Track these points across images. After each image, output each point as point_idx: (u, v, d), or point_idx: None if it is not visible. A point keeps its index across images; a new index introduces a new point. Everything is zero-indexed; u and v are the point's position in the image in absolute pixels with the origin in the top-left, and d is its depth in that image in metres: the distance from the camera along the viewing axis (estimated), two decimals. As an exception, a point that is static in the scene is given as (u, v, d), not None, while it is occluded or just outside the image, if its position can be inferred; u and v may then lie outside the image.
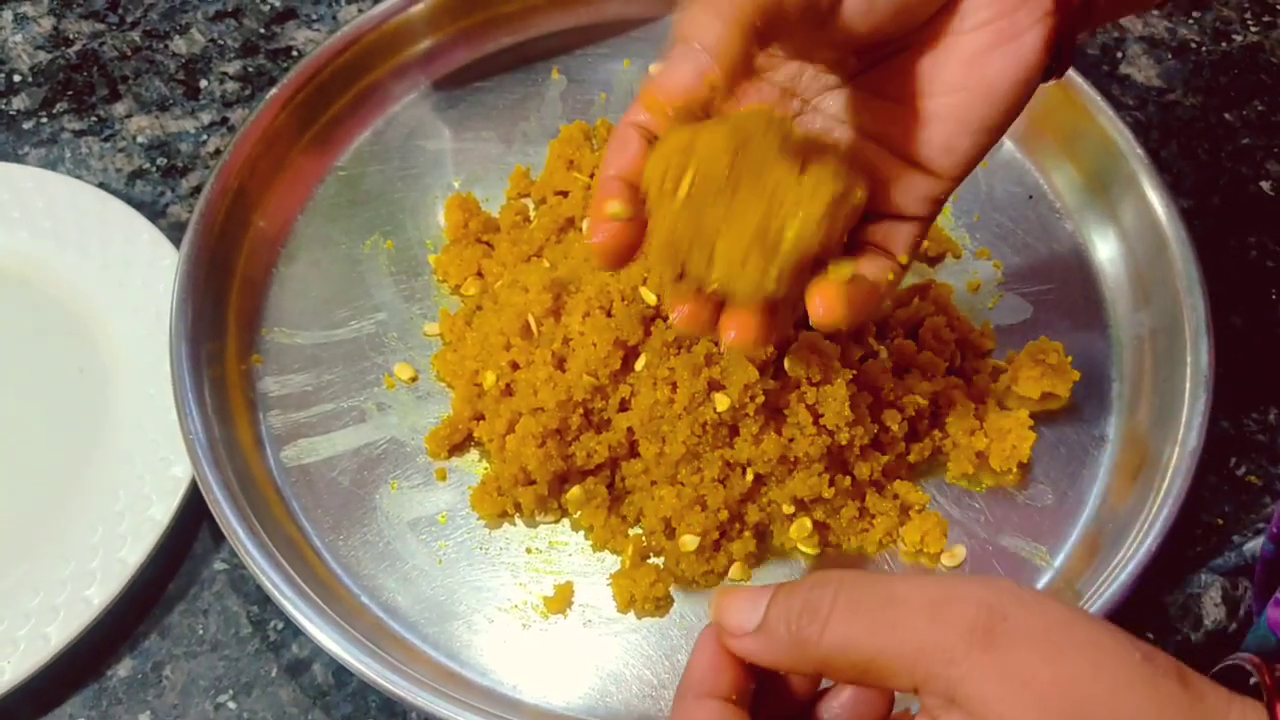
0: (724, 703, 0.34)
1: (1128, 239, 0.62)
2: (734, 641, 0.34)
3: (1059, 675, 0.29)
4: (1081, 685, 0.28)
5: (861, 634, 0.31)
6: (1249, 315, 0.64)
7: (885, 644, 0.30)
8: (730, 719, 0.33)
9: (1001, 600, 0.30)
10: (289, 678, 0.53)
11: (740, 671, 0.34)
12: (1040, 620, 0.29)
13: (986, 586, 0.30)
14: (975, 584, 0.31)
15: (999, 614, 0.29)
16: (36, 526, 0.55)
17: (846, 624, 0.31)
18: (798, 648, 0.32)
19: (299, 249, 0.63)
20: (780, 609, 0.33)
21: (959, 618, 0.29)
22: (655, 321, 0.53)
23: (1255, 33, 0.76)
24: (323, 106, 0.66)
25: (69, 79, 0.72)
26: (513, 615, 0.53)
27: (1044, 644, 0.29)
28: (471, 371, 0.56)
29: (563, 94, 0.69)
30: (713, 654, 0.34)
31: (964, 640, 0.29)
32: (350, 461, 0.57)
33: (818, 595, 0.32)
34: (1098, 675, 0.29)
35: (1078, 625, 0.30)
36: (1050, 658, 0.29)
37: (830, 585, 0.32)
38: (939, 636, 0.30)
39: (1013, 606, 0.30)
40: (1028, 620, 0.29)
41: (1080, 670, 0.29)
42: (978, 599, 0.30)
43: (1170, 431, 0.55)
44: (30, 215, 0.64)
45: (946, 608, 0.30)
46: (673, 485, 0.53)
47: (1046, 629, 0.29)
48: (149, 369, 0.58)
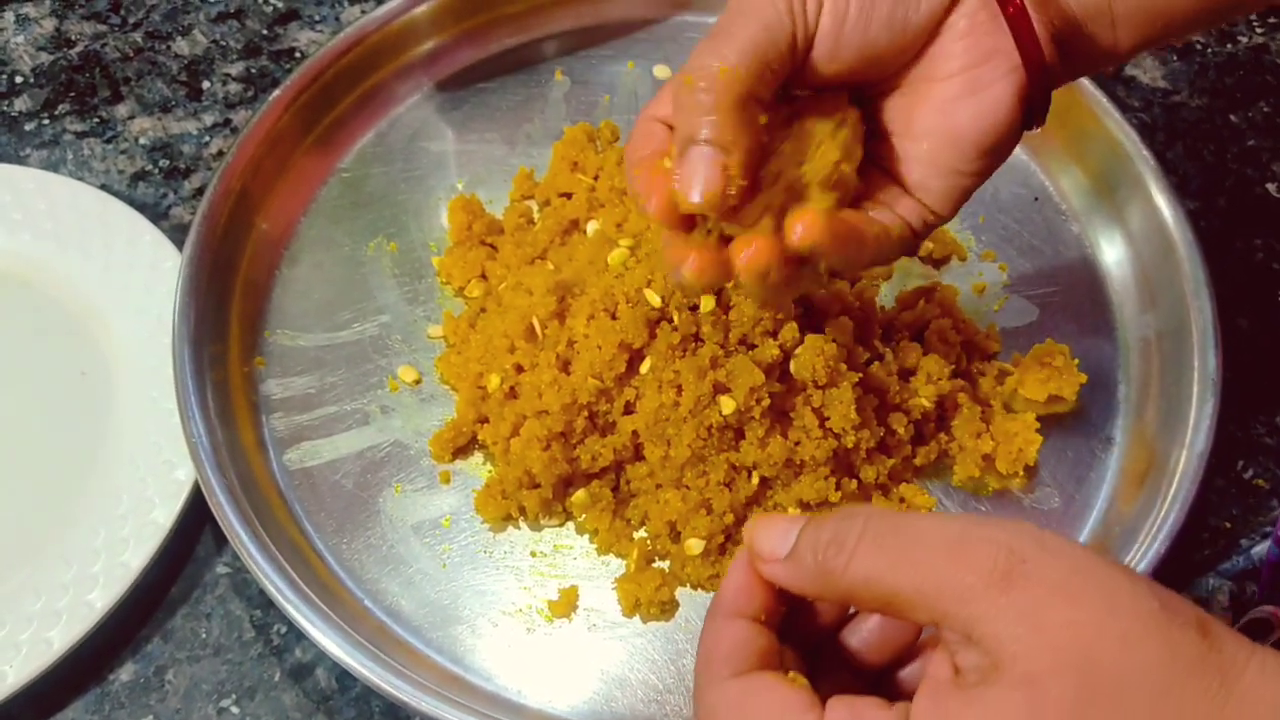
0: (753, 623, 0.35)
1: (1134, 241, 0.62)
2: (764, 567, 0.35)
3: (1073, 620, 0.29)
4: (1094, 630, 0.29)
5: (884, 570, 0.32)
6: (1255, 317, 0.64)
7: (906, 581, 0.31)
8: (759, 639, 0.35)
9: (1022, 543, 0.30)
10: (292, 682, 0.52)
11: (770, 595, 0.35)
12: (1059, 565, 0.30)
13: (1008, 529, 0.31)
14: (997, 526, 0.31)
15: (1018, 557, 0.30)
16: (38, 530, 0.55)
17: (870, 559, 0.32)
18: (824, 577, 0.33)
19: (302, 251, 0.63)
20: (809, 539, 0.34)
21: (979, 559, 0.30)
22: (660, 324, 0.53)
23: (1261, 34, 0.76)
24: (326, 108, 0.66)
25: (71, 80, 0.72)
26: (517, 619, 0.52)
27: (1060, 589, 0.30)
28: (475, 374, 0.56)
29: (566, 95, 0.69)
30: (745, 577, 0.36)
31: (982, 581, 0.30)
32: (353, 465, 0.56)
33: (845, 529, 0.33)
34: (1111, 622, 0.29)
35: (1097, 571, 0.30)
36: (1065, 602, 0.29)
37: (858, 519, 0.33)
38: (958, 576, 0.30)
39: (1033, 550, 0.30)
40: (1046, 564, 0.30)
41: (1094, 616, 0.29)
42: (998, 541, 0.30)
43: (1178, 435, 0.55)
44: (32, 217, 0.64)
45: (967, 548, 0.31)
46: (678, 488, 0.53)
47: (1065, 574, 0.30)
48: (151, 371, 0.58)
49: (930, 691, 0.31)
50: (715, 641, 0.35)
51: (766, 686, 0.34)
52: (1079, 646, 0.29)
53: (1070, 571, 0.30)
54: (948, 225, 0.64)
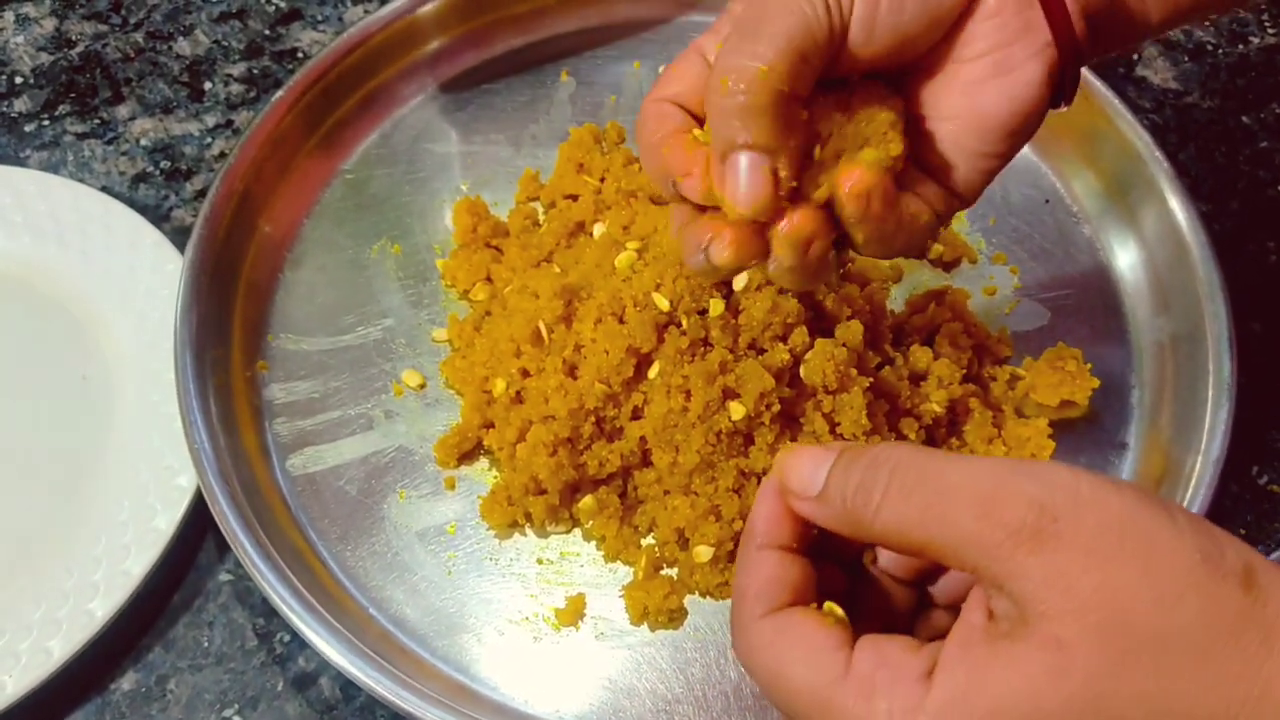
0: (785, 553, 0.35)
1: (1147, 244, 0.62)
2: (794, 502, 0.35)
3: (1104, 583, 0.28)
4: (1126, 594, 0.28)
5: (912, 522, 0.31)
6: (1269, 321, 0.63)
7: (935, 535, 0.31)
8: (791, 570, 0.35)
9: (1054, 499, 0.29)
10: (295, 691, 0.52)
11: (801, 523, 0.35)
12: (1092, 522, 0.29)
13: (1042, 480, 0.30)
14: (1030, 477, 0.30)
15: (1049, 515, 0.29)
16: (39, 537, 0.54)
17: (899, 510, 0.32)
18: (853, 522, 0.33)
19: (305, 254, 0.62)
20: (838, 482, 0.33)
21: (1008, 516, 0.29)
22: (669, 328, 0.52)
23: (1272, 34, 0.75)
24: (329, 109, 0.65)
25: (71, 81, 0.71)
26: (523, 628, 0.52)
27: (1091, 549, 0.29)
28: (481, 378, 0.56)
29: (572, 96, 0.69)
30: (774, 506, 0.35)
31: (1011, 540, 0.29)
32: (357, 470, 0.56)
33: (871, 477, 0.32)
34: (1145, 583, 0.28)
35: (1136, 525, 0.29)
36: (1096, 564, 0.29)
37: (884, 467, 0.32)
38: (987, 534, 0.30)
39: (1066, 506, 0.29)
40: (1079, 522, 0.29)
41: (1126, 578, 0.28)
42: (1029, 497, 0.30)
43: (1193, 440, 0.54)
44: (32, 219, 0.63)
45: (997, 503, 0.30)
46: (686, 495, 0.52)
47: (1097, 532, 0.29)
48: (153, 376, 0.58)
49: (961, 639, 0.31)
50: (748, 578, 0.35)
51: (797, 625, 0.33)
52: (1109, 611, 0.28)
53: (1104, 528, 0.29)
54: (958, 228, 0.63)
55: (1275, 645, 0.28)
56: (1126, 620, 0.28)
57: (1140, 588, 0.28)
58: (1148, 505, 0.29)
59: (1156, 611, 0.28)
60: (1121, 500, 0.29)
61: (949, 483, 0.31)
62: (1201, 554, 0.28)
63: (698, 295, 0.52)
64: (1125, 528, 0.29)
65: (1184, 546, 0.29)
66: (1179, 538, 0.29)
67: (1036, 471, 0.30)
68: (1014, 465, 0.31)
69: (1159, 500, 0.30)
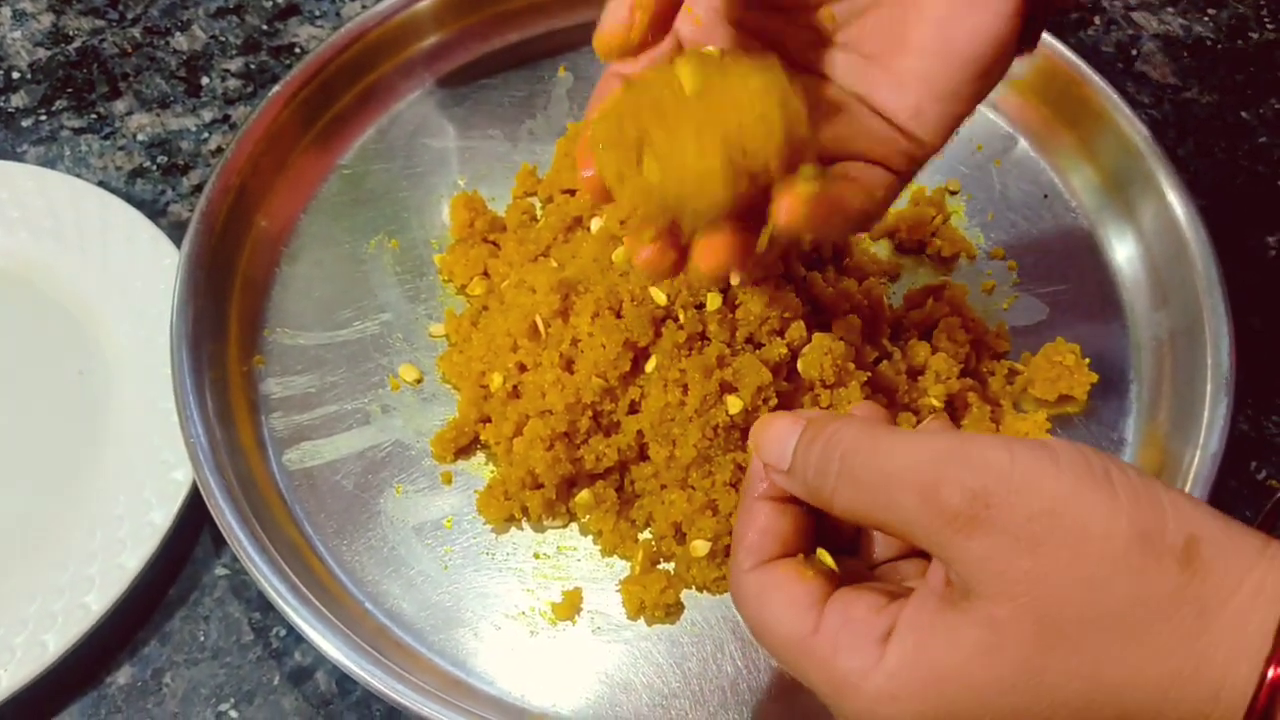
0: (778, 504, 0.37)
1: (1145, 239, 0.61)
2: (770, 473, 0.37)
3: (1033, 568, 0.29)
4: (1055, 578, 0.29)
5: (864, 506, 0.33)
6: (1268, 316, 0.63)
7: (884, 518, 0.33)
8: (781, 521, 0.37)
9: (988, 485, 0.30)
10: (291, 686, 0.52)
11: None
12: (1024, 508, 0.30)
13: (976, 467, 0.30)
14: (966, 464, 0.31)
15: (982, 501, 0.30)
16: (34, 531, 0.54)
17: (850, 495, 0.34)
18: (817, 501, 0.35)
19: (302, 248, 0.62)
20: (801, 461, 0.35)
21: (945, 503, 0.31)
22: (666, 322, 0.52)
23: (1271, 29, 0.75)
24: (326, 104, 0.65)
25: (68, 76, 0.71)
26: (520, 622, 0.52)
27: (1021, 535, 0.29)
28: (478, 373, 0.55)
29: (569, 91, 0.68)
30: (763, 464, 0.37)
31: (949, 526, 0.30)
32: (354, 465, 0.56)
33: (825, 461, 0.34)
34: (1074, 567, 0.29)
35: (1067, 511, 0.29)
36: (1026, 549, 0.29)
37: (836, 451, 0.34)
38: (928, 519, 0.31)
39: (999, 493, 0.30)
40: (1011, 509, 0.30)
41: (1055, 563, 0.29)
42: (963, 485, 0.30)
43: (1190, 435, 0.54)
44: (29, 214, 0.63)
45: (935, 491, 0.31)
46: (684, 489, 0.52)
47: (1028, 518, 0.29)
48: (149, 371, 0.57)
49: (917, 604, 0.32)
50: (742, 530, 0.37)
51: (779, 580, 0.35)
52: (1039, 595, 0.29)
53: (1035, 514, 0.29)
54: (956, 223, 0.63)
55: (1211, 621, 0.28)
56: (1056, 603, 0.29)
57: (1069, 572, 0.29)
58: (1085, 485, 0.29)
59: (1085, 594, 0.29)
60: (1057, 483, 0.30)
61: (894, 467, 0.32)
62: (1138, 533, 0.28)
63: (695, 290, 0.52)
64: (1057, 513, 0.29)
65: (1118, 527, 0.29)
66: (1114, 517, 0.29)
67: (974, 455, 0.31)
68: (954, 448, 0.31)
69: (1101, 475, 0.30)
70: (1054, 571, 0.29)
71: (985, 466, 0.30)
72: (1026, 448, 0.31)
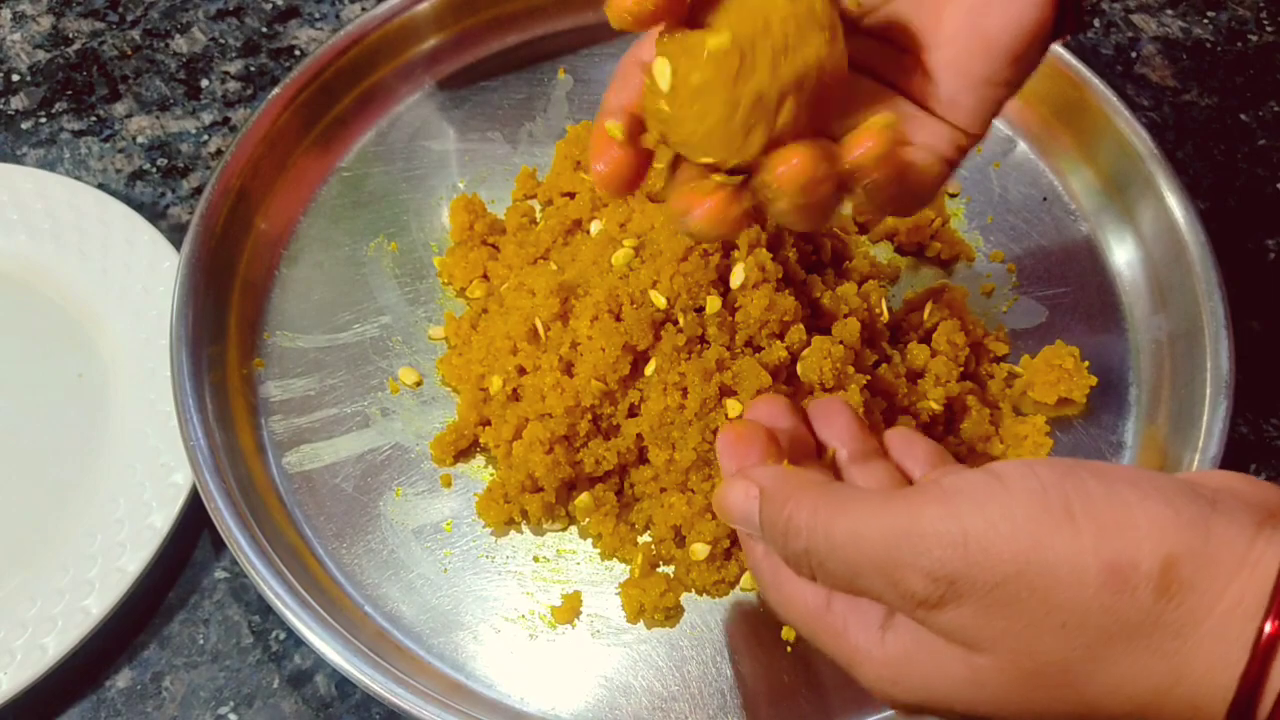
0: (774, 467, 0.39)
1: (1145, 242, 0.61)
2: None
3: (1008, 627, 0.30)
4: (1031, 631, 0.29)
5: (842, 586, 0.34)
6: (1268, 319, 0.63)
7: (864, 593, 0.34)
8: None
9: (946, 565, 0.30)
10: (291, 689, 0.52)
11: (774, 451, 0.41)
12: (989, 577, 0.30)
13: (931, 551, 0.30)
14: (919, 550, 0.31)
15: (944, 581, 0.30)
16: (34, 534, 0.54)
17: (827, 579, 0.35)
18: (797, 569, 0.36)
19: (301, 251, 0.62)
20: (768, 534, 0.37)
21: (909, 587, 0.31)
22: (665, 326, 0.52)
23: (1271, 32, 0.75)
24: (326, 106, 0.65)
25: (68, 78, 0.71)
26: (519, 625, 0.52)
27: (991, 603, 0.30)
28: (477, 376, 0.55)
29: (569, 94, 0.68)
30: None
31: (919, 608, 0.31)
32: (353, 468, 0.56)
33: (790, 541, 0.35)
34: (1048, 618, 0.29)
35: (1031, 566, 0.29)
36: (999, 614, 0.30)
37: (799, 538, 0.34)
38: (897, 600, 0.32)
39: (960, 568, 0.30)
40: (974, 582, 0.30)
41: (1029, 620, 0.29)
42: (923, 571, 0.30)
43: (1190, 438, 0.54)
44: (29, 217, 0.63)
45: (898, 575, 0.31)
46: (683, 492, 0.52)
47: (995, 585, 0.29)
48: (149, 373, 0.57)
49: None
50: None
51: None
52: (1014, 648, 0.30)
53: (1000, 581, 0.29)
54: (955, 225, 0.63)
55: (1189, 638, 0.28)
56: (1033, 653, 0.29)
57: (1044, 623, 0.29)
58: (1046, 530, 0.29)
59: (1061, 640, 0.29)
60: (1015, 542, 0.29)
61: (854, 555, 0.33)
62: (1107, 568, 0.28)
63: (695, 292, 0.52)
64: (1022, 573, 0.29)
65: (1087, 568, 0.28)
66: (1080, 557, 0.28)
67: (925, 534, 0.31)
68: (904, 531, 0.31)
69: (1061, 511, 0.29)
70: (1029, 627, 0.29)
71: (939, 545, 0.30)
72: (975, 505, 0.30)
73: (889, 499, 0.32)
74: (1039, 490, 0.30)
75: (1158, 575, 0.28)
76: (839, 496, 0.34)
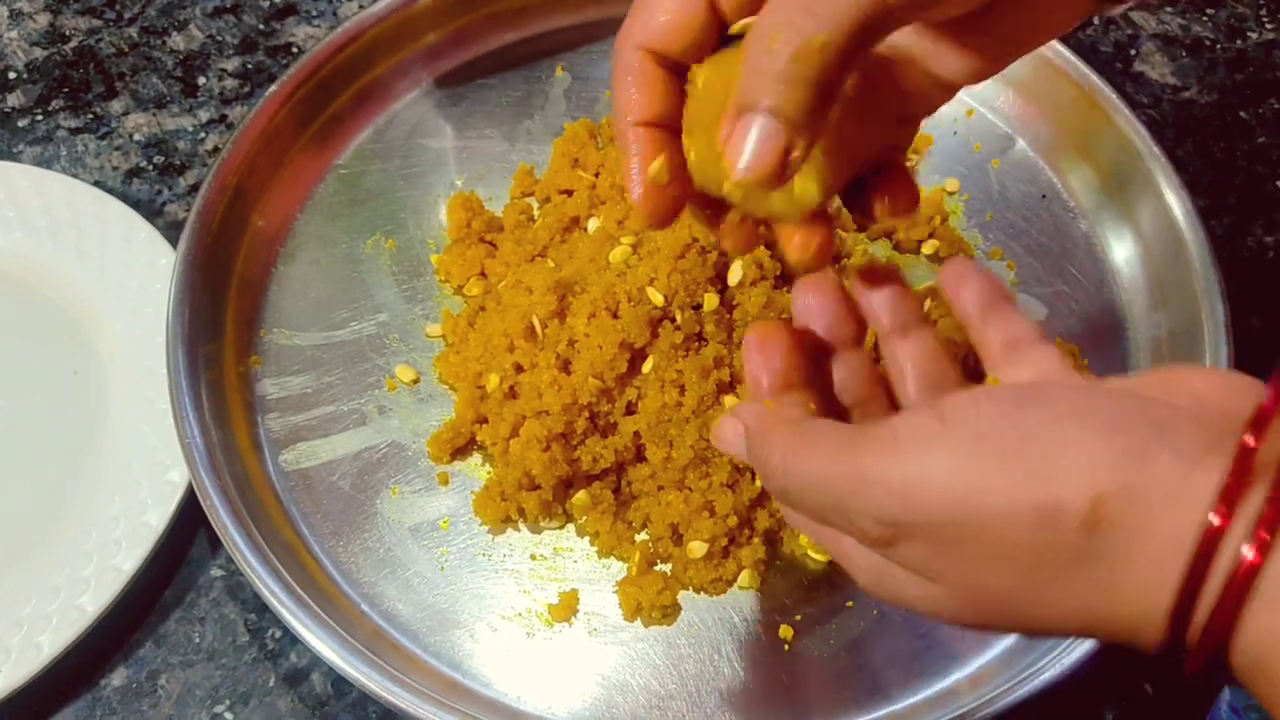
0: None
1: (1144, 239, 0.61)
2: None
3: (953, 563, 0.31)
4: (972, 566, 0.31)
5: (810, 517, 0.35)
6: (1267, 316, 0.63)
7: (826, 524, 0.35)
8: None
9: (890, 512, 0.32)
10: (287, 687, 0.51)
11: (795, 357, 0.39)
12: (930, 520, 0.31)
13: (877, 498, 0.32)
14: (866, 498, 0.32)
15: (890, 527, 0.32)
16: (29, 532, 0.54)
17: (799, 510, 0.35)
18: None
19: (298, 249, 0.62)
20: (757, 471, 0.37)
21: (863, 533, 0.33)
22: (662, 323, 0.52)
23: (1271, 30, 0.75)
24: (323, 104, 0.65)
25: (65, 76, 0.71)
26: (516, 623, 0.52)
27: (934, 542, 0.31)
28: (474, 374, 0.55)
29: (567, 91, 0.68)
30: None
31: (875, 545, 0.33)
32: (350, 465, 0.56)
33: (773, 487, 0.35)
34: (985, 554, 0.31)
35: (969, 510, 0.30)
36: (944, 551, 0.31)
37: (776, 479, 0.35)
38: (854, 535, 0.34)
39: (902, 514, 0.31)
40: (916, 526, 0.31)
41: (970, 558, 0.31)
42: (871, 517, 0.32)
43: (1189, 436, 0.54)
44: (25, 214, 0.63)
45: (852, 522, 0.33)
46: (681, 490, 0.52)
47: (937, 527, 0.31)
48: (145, 371, 0.57)
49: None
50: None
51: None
52: (959, 580, 0.31)
53: (941, 524, 0.31)
54: (954, 223, 0.63)
55: (1124, 570, 0.29)
56: (977, 585, 0.31)
57: (983, 559, 0.31)
58: (982, 473, 0.30)
59: (1001, 573, 0.30)
60: (949, 495, 0.30)
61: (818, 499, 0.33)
62: (1037, 509, 0.29)
63: (692, 290, 0.52)
64: (959, 519, 0.30)
65: (1019, 514, 0.29)
66: (1013, 501, 0.29)
67: (870, 481, 0.32)
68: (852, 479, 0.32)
69: (996, 454, 0.30)
70: (970, 564, 0.31)
71: (883, 493, 0.31)
72: (916, 452, 0.31)
73: (844, 446, 0.33)
74: (976, 434, 0.30)
75: (1086, 514, 0.29)
76: (805, 440, 0.34)
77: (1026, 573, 0.30)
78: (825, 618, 0.52)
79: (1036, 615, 0.31)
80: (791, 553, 0.53)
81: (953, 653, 0.51)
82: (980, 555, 0.30)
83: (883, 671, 0.50)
